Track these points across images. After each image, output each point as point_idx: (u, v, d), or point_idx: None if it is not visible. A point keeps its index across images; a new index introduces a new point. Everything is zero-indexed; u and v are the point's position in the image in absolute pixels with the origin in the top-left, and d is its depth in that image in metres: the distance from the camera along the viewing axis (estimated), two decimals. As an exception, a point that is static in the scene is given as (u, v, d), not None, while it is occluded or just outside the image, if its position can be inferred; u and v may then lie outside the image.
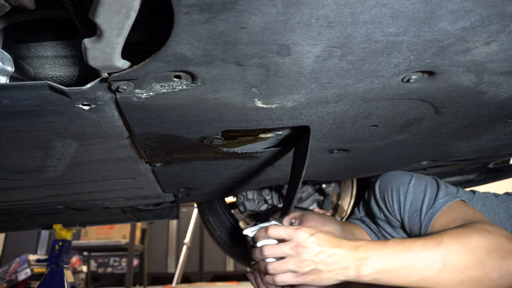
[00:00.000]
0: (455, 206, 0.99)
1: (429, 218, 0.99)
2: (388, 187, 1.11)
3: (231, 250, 1.93)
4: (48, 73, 0.70)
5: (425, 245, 0.83)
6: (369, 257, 0.83)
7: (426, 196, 1.04)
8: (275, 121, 0.84)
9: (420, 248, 0.83)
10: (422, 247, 0.83)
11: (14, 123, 0.74)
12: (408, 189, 1.07)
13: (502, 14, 0.54)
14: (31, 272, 3.60)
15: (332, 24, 0.53)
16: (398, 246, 0.84)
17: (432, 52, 0.62)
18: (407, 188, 1.08)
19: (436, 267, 0.81)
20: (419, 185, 1.07)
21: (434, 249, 0.82)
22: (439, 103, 0.83)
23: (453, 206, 0.99)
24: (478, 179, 1.70)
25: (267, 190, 1.76)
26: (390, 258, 0.82)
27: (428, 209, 1.01)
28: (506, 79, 0.74)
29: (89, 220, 2.06)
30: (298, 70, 0.63)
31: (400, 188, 1.09)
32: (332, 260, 0.82)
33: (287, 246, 0.84)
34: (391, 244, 0.85)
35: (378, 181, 1.17)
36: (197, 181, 1.35)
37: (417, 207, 1.03)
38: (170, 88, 0.67)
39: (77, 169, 1.04)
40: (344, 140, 1.02)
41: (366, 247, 0.84)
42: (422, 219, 1.01)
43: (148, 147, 0.94)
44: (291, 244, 0.84)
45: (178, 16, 0.48)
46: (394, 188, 1.09)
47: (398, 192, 1.08)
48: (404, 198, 1.07)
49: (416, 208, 1.04)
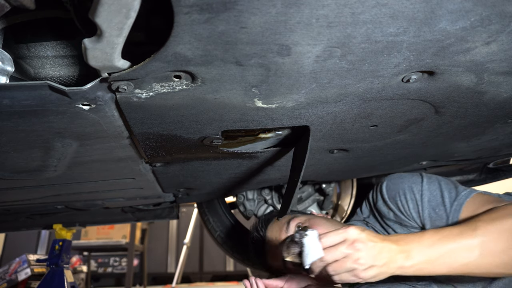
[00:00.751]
0: (478, 196, 1.03)
1: (455, 210, 1.02)
2: (399, 187, 1.13)
3: (231, 250, 1.93)
4: (48, 73, 0.70)
5: (462, 233, 0.86)
6: (410, 249, 0.85)
7: (444, 190, 1.07)
8: (275, 121, 0.84)
9: (457, 236, 0.86)
10: (460, 235, 0.86)
11: (14, 123, 0.74)
12: (423, 187, 1.09)
13: (502, 14, 0.54)
14: (31, 272, 3.60)
15: (332, 24, 0.53)
16: (436, 235, 0.87)
17: (432, 52, 0.62)
18: (421, 186, 1.10)
19: (475, 253, 0.84)
20: (432, 182, 1.10)
21: (471, 235, 0.85)
22: (439, 103, 0.83)
23: (476, 196, 1.03)
24: (478, 179, 1.70)
25: (267, 190, 1.76)
26: (430, 248, 0.85)
27: (452, 201, 1.03)
28: (506, 79, 0.74)
29: (89, 220, 2.06)
30: (298, 70, 0.63)
31: (413, 187, 1.11)
32: (383, 254, 0.84)
33: (344, 246, 0.83)
34: (428, 234, 0.87)
35: (385, 182, 1.18)
36: (197, 181, 1.35)
37: (438, 201, 1.06)
38: (170, 88, 0.67)
39: (77, 169, 1.04)
40: (344, 140, 1.02)
41: (406, 240, 0.87)
42: (448, 212, 1.03)
43: (148, 147, 0.94)
44: (347, 243, 0.83)
45: (178, 16, 0.48)
46: (407, 188, 1.11)
47: (411, 191, 1.10)
48: (420, 196, 1.09)
49: (436, 203, 1.06)
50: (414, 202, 1.10)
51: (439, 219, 1.05)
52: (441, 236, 0.87)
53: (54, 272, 1.97)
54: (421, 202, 1.08)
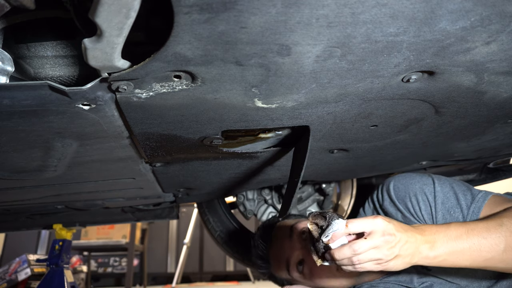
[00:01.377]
0: (494, 198, 1.04)
1: (474, 212, 1.02)
2: (409, 188, 1.12)
3: (231, 250, 1.93)
4: (48, 73, 0.70)
5: (487, 227, 0.87)
6: (436, 240, 0.86)
7: (458, 192, 1.07)
8: (275, 121, 0.84)
9: (483, 230, 0.87)
10: (485, 229, 0.87)
11: (14, 123, 0.74)
12: (435, 188, 1.09)
13: (502, 14, 0.54)
14: (31, 272, 3.60)
15: (332, 24, 0.53)
16: (462, 228, 0.88)
17: (432, 52, 0.62)
18: (433, 188, 1.09)
19: (500, 247, 0.85)
20: (443, 184, 1.10)
21: (497, 230, 0.86)
22: (439, 103, 0.83)
23: (493, 198, 1.04)
24: (478, 179, 1.70)
25: (267, 190, 1.76)
26: (455, 240, 0.86)
27: (470, 204, 1.03)
28: (506, 79, 0.74)
29: (89, 220, 2.06)
30: (298, 70, 0.63)
31: (424, 189, 1.10)
32: (409, 245, 0.84)
33: (375, 237, 0.82)
34: (454, 227, 0.88)
35: (392, 182, 1.16)
36: (197, 181, 1.35)
37: (452, 203, 1.05)
38: (170, 88, 0.67)
39: (77, 169, 1.04)
40: (344, 140, 1.02)
41: (431, 231, 0.87)
42: (465, 214, 1.03)
43: (148, 147, 0.94)
44: (378, 234, 0.83)
45: (178, 16, 0.48)
46: (418, 190, 1.11)
47: (423, 193, 1.09)
48: (433, 198, 1.08)
49: (451, 205, 1.06)
50: (427, 204, 1.09)
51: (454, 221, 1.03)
52: (467, 229, 0.87)
53: (54, 272, 1.97)
54: (434, 204, 1.07)
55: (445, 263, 0.87)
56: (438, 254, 0.85)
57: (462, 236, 0.86)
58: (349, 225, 0.84)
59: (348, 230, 0.84)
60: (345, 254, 0.83)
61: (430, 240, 0.86)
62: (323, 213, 0.88)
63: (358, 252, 0.82)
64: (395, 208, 1.15)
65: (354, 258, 0.82)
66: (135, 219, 2.06)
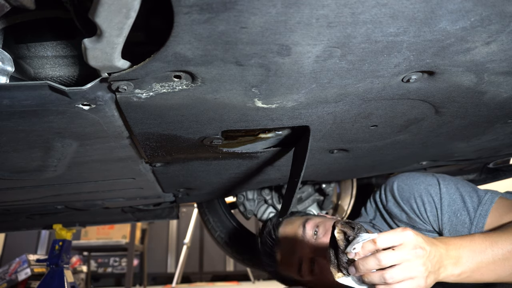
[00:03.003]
0: (501, 201, 1.01)
1: (481, 215, 0.99)
2: (414, 189, 1.10)
3: (231, 250, 1.93)
4: (48, 73, 0.70)
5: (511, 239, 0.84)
6: (461, 255, 0.82)
7: (464, 194, 1.04)
8: (275, 121, 0.84)
9: (507, 243, 0.83)
10: (509, 241, 0.84)
11: (14, 123, 0.74)
12: (441, 190, 1.06)
13: (502, 14, 0.54)
14: (31, 272, 3.60)
15: (332, 24, 0.53)
16: (486, 241, 0.84)
17: (432, 52, 0.62)
18: (438, 189, 1.07)
19: None
20: (448, 185, 1.07)
21: None
22: (439, 103, 0.83)
23: (500, 201, 1.01)
24: (478, 179, 1.70)
25: (267, 190, 1.76)
26: (481, 253, 0.82)
27: (476, 207, 1.01)
28: (506, 79, 0.74)
29: (89, 220, 2.06)
30: (298, 70, 0.63)
31: (430, 190, 1.07)
32: (436, 259, 0.79)
33: (405, 250, 0.75)
34: (479, 239, 0.85)
35: (395, 182, 1.14)
36: (197, 181, 1.35)
37: (459, 206, 1.03)
38: (170, 88, 0.67)
39: (77, 169, 1.04)
40: (344, 140, 1.02)
41: (456, 245, 0.83)
42: (472, 217, 1.00)
43: (148, 147, 0.94)
44: (408, 247, 0.75)
45: (178, 16, 0.49)
46: (423, 190, 1.08)
47: (429, 194, 1.07)
48: (439, 199, 1.06)
49: (458, 207, 1.03)
50: (433, 205, 1.06)
51: (461, 224, 1.02)
52: (492, 241, 0.84)
53: (54, 272, 1.97)
54: (440, 205, 1.05)
55: (469, 279, 0.82)
56: (464, 270, 0.81)
57: (488, 249, 0.82)
58: (377, 240, 0.76)
59: (377, 246, 0.75)
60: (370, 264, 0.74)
61: (455, 256, 0.81)
62: (351, 223, 0.81)
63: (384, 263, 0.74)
64: (399, 209, 1.13)
65: (387, 275, 0.74)
66: (135, 219, 2.06)
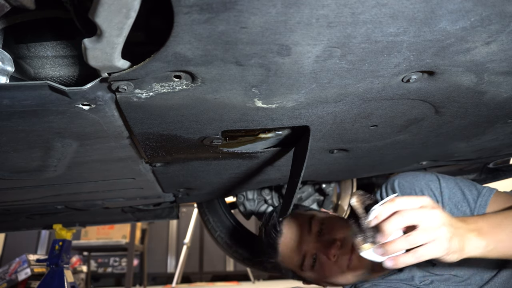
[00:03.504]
0: (499, 194, 1.05)
1: (481, 205, 1.02)
2: (415, 185, 1.12)
3: (231, 250, 1.93)
4: (48, 73, 0.70)
5: None
6: (480, 227, 0.82)
7: (463, 188, 1.07)
8: (275, 121, 0.84)
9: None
10: None
11: (14, 123, 0.74)
12: (441, 184, 1.10)
13: (502, 14, 0.54)
14: (31, 272, 3.60)
15: (332, 24, 0.53)
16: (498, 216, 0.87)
17: (432, 52, 0.62)
18: (438, 184, 1.10)
19: None
20: (448, 181, 1.10)
21: None
22: (439, 103, 0.83)
23: (498, 194, 1.05)
24: (478, 179, 1.70)
25: (267, 190, 1.76)
26: (498, 227, 0.84)
27: (476, 198, 1.04)
28: (506, 79, 0.74)
29: (89, 220, 2.06)
30: (298, 70, 0.63)
31: (430, 185, 1.11)
32: (458, 231, 0.78)
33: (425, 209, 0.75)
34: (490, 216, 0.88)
35: (396, 180, 1.16)
36: (197, 181, 1.35)
37: (459, 198, 1.06)
38: (170, 88, 0.67)
39: (77, 169, 1.04)
40: (344, 140, 1.02)
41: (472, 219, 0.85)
42: (472, 208, 1.03)
43: (148, 147, 0.94)
44: (428, 207, 0.76)
45: (178, 16, 0.48)
46: (424, 186, 1.11)
47: (429, 189, 1.10)
48: (439, 193, 1.09)
49: (458, 200, 1.06)
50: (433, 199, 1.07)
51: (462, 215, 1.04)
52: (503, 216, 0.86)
53: (54, 272, 1.97)
54: (441, 199, 1.08)
55: (495, 252, 0.82)
56: (488, 242, 0.81)
57: (503, 221, 0.85)
58: (396, 198, 0.76)
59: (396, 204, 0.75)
60: (394, 222, 0.74)
61: (475, 228, 0.81)
62: (367, 194, 0.81)
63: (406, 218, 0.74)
64: None
65: (410, 237, 0.73)
66: (135, 219, 2.06)
